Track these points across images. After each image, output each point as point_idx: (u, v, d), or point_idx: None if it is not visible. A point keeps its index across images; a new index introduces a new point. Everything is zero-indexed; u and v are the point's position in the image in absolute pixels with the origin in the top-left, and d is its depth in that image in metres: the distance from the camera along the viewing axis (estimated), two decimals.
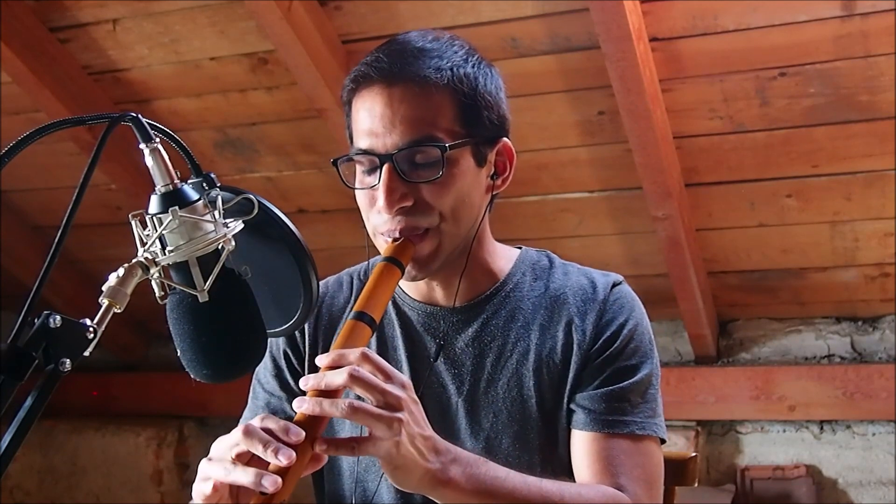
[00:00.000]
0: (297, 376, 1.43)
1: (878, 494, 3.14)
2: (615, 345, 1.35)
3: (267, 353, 1.46)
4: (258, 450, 1.09)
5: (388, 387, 1.13)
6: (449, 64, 1.31)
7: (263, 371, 1.47)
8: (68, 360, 0.90)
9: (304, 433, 1.10)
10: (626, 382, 1.33)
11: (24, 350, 0.88)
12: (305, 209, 3.34)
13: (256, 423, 1.12)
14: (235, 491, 1.16)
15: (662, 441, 1.37)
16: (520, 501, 1.20)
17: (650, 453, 1.34)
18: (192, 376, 1.05)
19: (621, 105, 2.58)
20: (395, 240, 1.32)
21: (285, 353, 1.45)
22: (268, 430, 1.10)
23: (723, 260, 3.12)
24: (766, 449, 3.27)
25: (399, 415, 1.11)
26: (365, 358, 1.14)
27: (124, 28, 2.90)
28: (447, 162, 1.29)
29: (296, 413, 1.13)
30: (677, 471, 1.49)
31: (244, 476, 1.08)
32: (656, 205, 2.81)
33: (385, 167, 1.29)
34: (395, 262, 1.30)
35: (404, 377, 1.17)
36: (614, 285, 1.40)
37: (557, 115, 2.81)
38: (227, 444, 1.15)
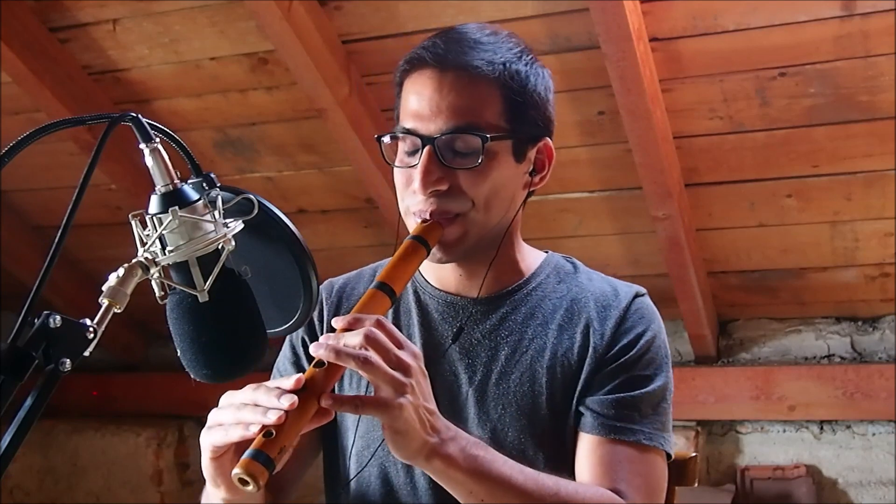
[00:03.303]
0: None
1: (878, 494, 3.14)
2: (631, 353, 1.35)
3: (287, 342, 1.50)
4: (262, 398, 1.12)
5: (401, 353, 1.15)
6: (502, 59, 1.34)
7: (283, 359, 1.50)
8: (68, 360, 0.90)
9: (303, 378, 1.13)
10: (637, 392, 1.34)
11: (24, 350, 0.88)
12: (305, 209, 3.34)
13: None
14: (242, 450, 1.17)
15: (669, 458, 1.37)
16: (514, 488, 1.21)
17: (654, 464, 1.34)
18: (192, 376, 1.05)
19: (621, 105, 2.58)
20: (424, 221, 1.33)
21: (303, 341, 1.48)
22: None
23: (723, 260, 3.12)
24: (766, 449, 3.27)
25: (407, 380, 1.13)
26: (379, 324, 1.16)
27: (124, 28, 2.90)
28: (486, 153, 1.32)
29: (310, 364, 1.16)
30: (677, 471, 1.49)
31: (251, 413, 1.11)
32: (656, 205, 2.81)
33: (426, 149, 1.32)
34: (422, 241, 1.32)
35: (416, 348, 1.18)
36: (637, 296, 1.41)
37: (557, 115, 2.79)
38: (234, 397, 1.17)
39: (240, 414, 1.14)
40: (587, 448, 1.33)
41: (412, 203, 1.35)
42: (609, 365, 1.35)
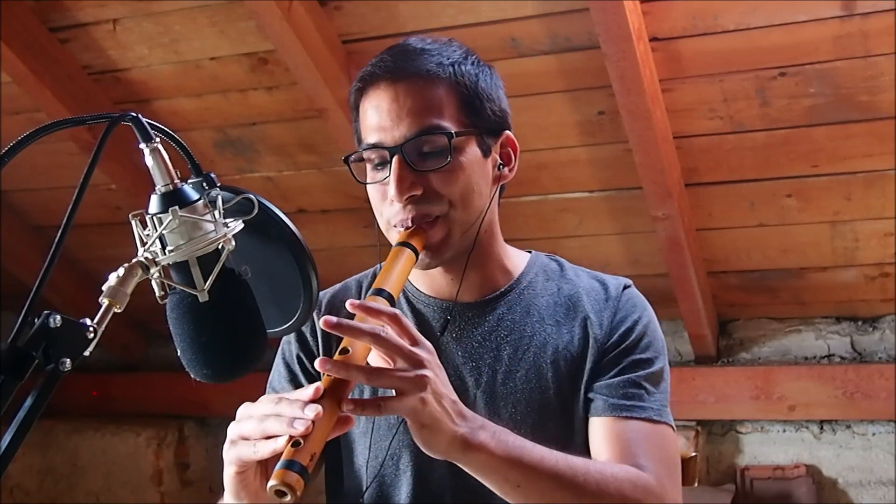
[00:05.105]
0: (311, 380, 1.44)
1: (878, 494, 3.14)
2: (630, 338, 1.40)
3: (279, 360, 1.50)
4: (286, 409, 1.10)
5: (415, 349, 1.15)
6: (450, 61, 1.38)
7: (278, 378, 1.49)
8: (68, 360, 0.90)
9: (321, 387, 1.11)
10: (642, 372, 1.38)
11: (24, 350, 0.88)
12: (305, 209, 3.34)
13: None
14: (264, 467, 1.17)
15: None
16: (547, 469, 1.21)
17: (667, 438, 1.37)
18: (192, 376, 1.05)
19: (621, 105, 2.58)
20: (406, 228, 1.35)
21: (298, 358, 1.48)
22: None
23: (723, 260, 3.12)
24: (766, 449, 3.27)
25: (424, 372, 1.12)
26: (395, 319, 1.16)
27: (124, 28, 2.90)
28: (454, 149, 1.34)
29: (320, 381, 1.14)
30: None
31: (277, 425, 1.09)
32: (656, 205, 2.81)
33: (395, 159, 1.34)
34: (408, 246, 1.33)
35: (429, 344, 1.18)
36: (625, 287, 1.46)
37: (557, 115, 2.81)
38: (254, 409, 1.15)
39: (264, 426, 1.11)
40: (601, 430, 1.35)
41: (391, 215, 1.37)
42: (611, 352, 1.39)
